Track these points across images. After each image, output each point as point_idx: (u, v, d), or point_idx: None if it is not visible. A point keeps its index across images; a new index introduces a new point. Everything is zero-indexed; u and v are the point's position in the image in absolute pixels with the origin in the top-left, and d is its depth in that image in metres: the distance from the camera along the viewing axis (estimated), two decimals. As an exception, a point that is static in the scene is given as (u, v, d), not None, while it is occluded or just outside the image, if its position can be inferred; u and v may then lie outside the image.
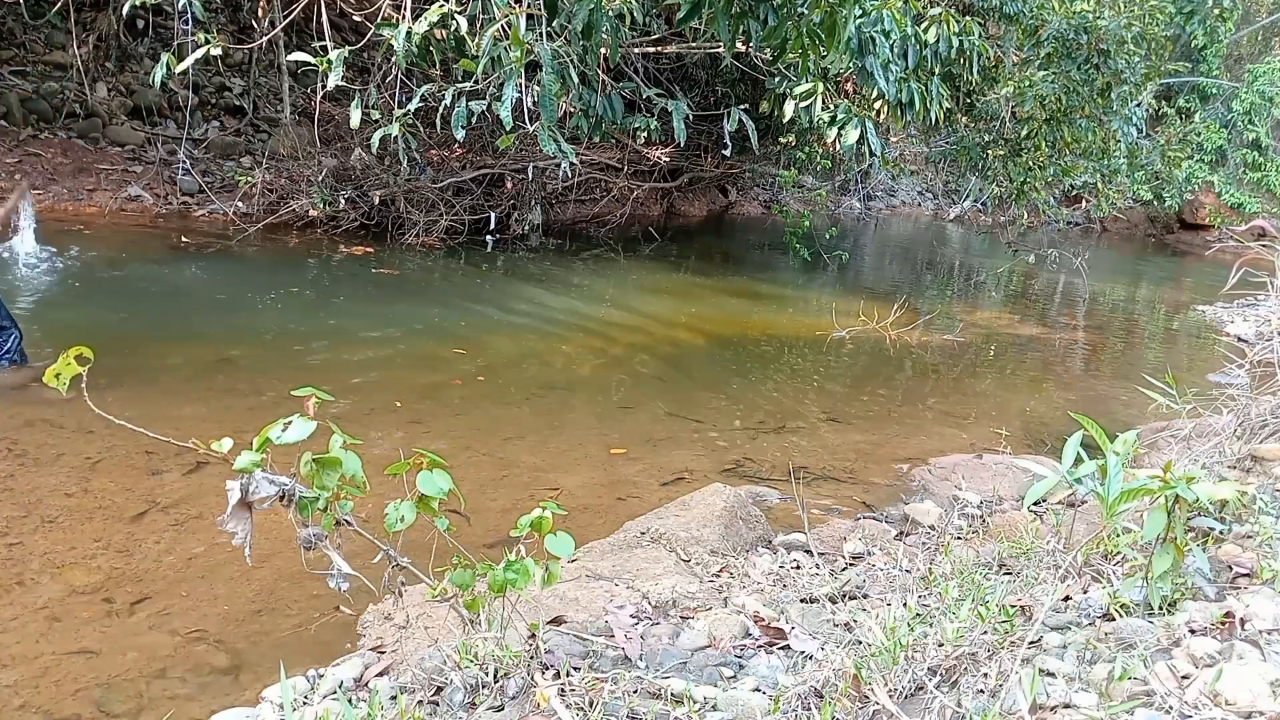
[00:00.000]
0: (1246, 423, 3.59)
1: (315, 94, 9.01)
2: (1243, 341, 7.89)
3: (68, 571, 2.82)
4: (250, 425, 1.90)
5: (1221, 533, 2.40)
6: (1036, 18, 7.79)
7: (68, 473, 3.45)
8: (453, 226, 9.36)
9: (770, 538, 3.32)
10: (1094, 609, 2.08)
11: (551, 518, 1.96)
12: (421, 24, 3.97)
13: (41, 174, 8.70)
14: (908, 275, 11.90)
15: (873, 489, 4.12)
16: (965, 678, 1.78)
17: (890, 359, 6.76)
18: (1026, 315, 9.49)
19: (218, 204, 8.94)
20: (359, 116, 4.47)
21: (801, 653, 2.10)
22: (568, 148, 4.25)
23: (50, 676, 2.33)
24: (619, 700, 1.81)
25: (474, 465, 3.94)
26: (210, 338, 5.38)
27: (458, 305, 6.92)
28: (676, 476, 4.06)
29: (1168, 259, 16.83)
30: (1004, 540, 2.91)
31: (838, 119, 4.93)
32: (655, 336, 6.73)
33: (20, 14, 9.12)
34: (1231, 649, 1.80)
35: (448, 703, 1.90)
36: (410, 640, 2.36)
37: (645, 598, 2.52)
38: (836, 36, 4.03)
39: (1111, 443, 2.06)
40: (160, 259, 7.33)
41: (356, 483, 1.85)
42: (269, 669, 2.37)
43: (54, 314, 5.54)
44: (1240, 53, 19.43)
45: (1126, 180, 13.22)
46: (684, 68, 10.50)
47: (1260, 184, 19.17)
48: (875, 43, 4.54)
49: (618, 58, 5.53)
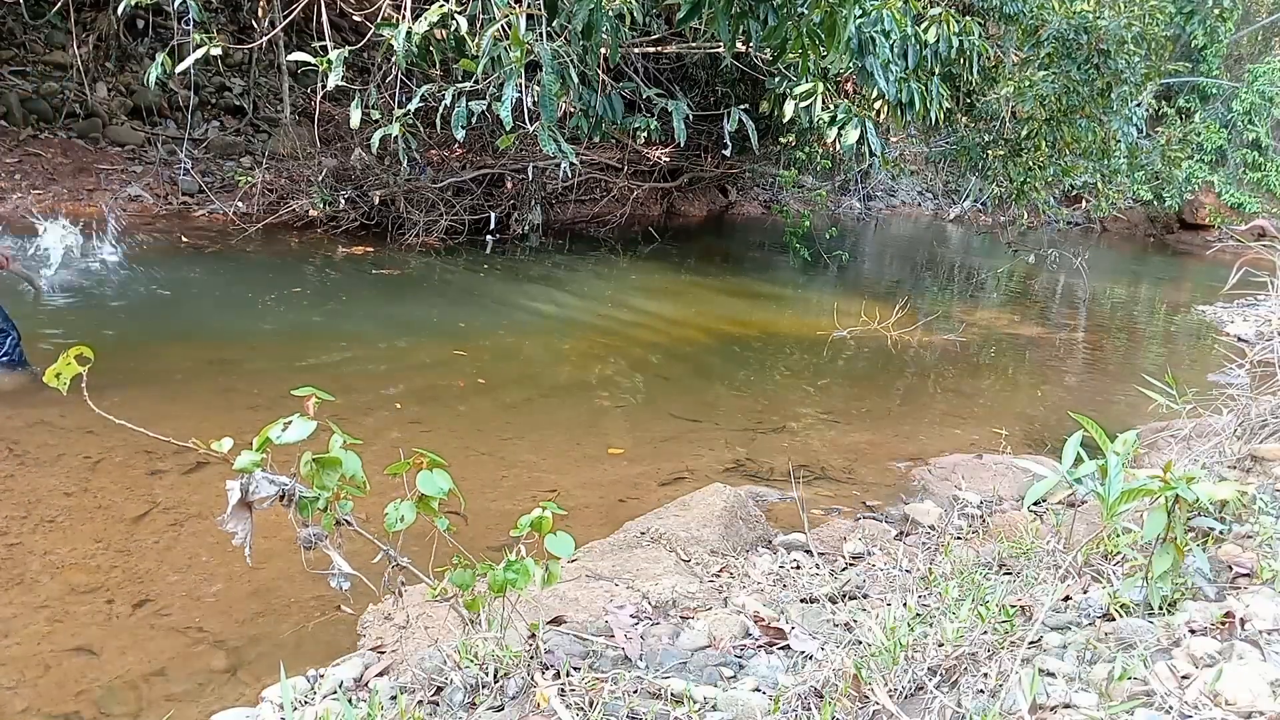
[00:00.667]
0: (1246, 423, 3.59)
1: (315, 94, 9.02)
2: (1243, 341, 7.89)
3: (68, 571, 2.82)
4: (250, 425, 1.90)
5: (1221, 533, 2.40)
6: (1036, 18, 7.79)
7: (68, 473, 3.45)
8: (453, 226, 9.36)
9: (770, 538, 3.32)
10: (1094, 609, 2.08)
11: (551, 518, 1.96)
12: (421, 24, 3.97)
13: (41, 174, 8.70)
14: (908, 275, 11.90)
15: (873, 489, 4.12)
16: (965, 678, 1.78)
17: (890, 359, 6.76)
18: (1026, 315, 9.49)
19: (218, 204, 8.94)
20: (359, 116, 4.47)
21: (801, 653, 2.10)
22: (568, 148, 4.25)
23: (50, 676, 2.33)
24: (619, 700, 1.81)
25: (474, 465, 3.94)
26: (210, 338, 5.38)
27: (457, 305, 6.92)
28: (676, 476, 4.06)
29: (1168, 259, 16.82)
30: (1004, 540, 2.91)
31: (838, 119, 4.93)
32: (655, 336, 6.73)
33: (20, 14, 9.12)
34: (1231, 649, 1.80)
35: (448, 703, 1.90)
36: (410, 640, 2.36)
37: (645, 598, 2.52)
38: (836, 36, 4.03)
39: (1111, 443, 2.06)
40: (160, 259, 7.33)
41: (356, 483, 1.85)
42: (269, 669, 2.37)
43: (54, 314, 5.54)
44: (1240, 53, 19.43)
45: (1126, 180, 13.22)
46: (684, 68, 10.50)
47: (1260, 184, 19.17)
48: (875, 43, 4.54)
49: (618, 58, 5.53)
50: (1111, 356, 7.95)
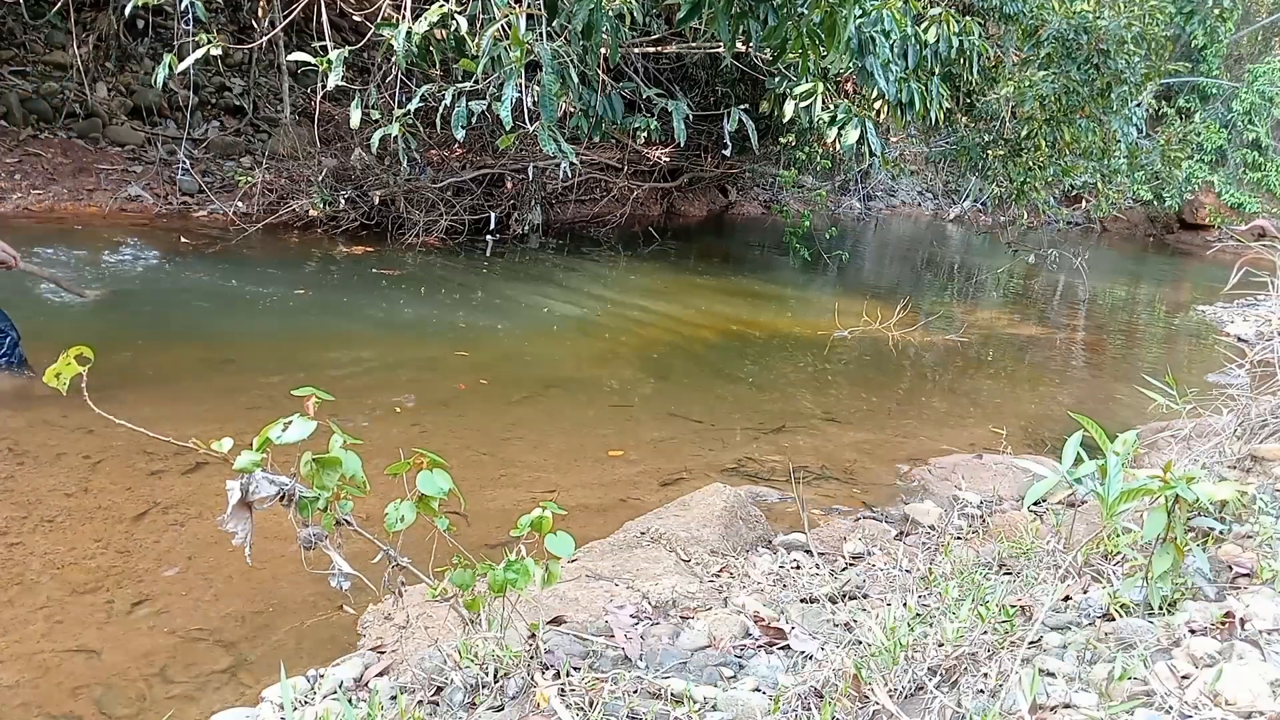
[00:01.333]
0: (1246, 423, 3.59)
1: (315, 94, 9.01)
2: (1243, 341, 7.90)
3: (68, 571, 2.82)
4: (250, 425, 1.90)
5: (1221, 533, 2.40)
6: (1036, 18, 7.79)
7: (68, 473, 3.45)
8: (453, 226, 9.36)
9: (770, 538, 3.32)
10: (1094, 609, 2.08)
11: (551, 517, 1.96)
12: (421, 24, 3.97)
13: (41, 174, 8.70)
14: (908, 275, 11.90)
15: (873, 489, 4.12)
16: (965, 678, 1.78)
17: (890, 359, 6.76)
18: (1026, 315, 9.49)
19: (218, 204, 8.94)
20: (359, 116, 4.47)
21: (801, 653, 2.10)
22: (568, 148, 4.25)
23: (50, 677, 2.33)
24: (619, 700, 1.81)
25: (474, 465, 3.94)
26: (210, 338, 5.38)
27: (457, 305, 6.92)
28: (676, 476, 4.06)
29: (1168, 259, 16.83)
30: (1004, 540, 2.91)
31: (838, 119, 4.93)
32: (655, 336, 6.73)
33: (20, 14, 9.13)
34: (1231, 649, 1.80)
35: (448, 703, 1.90)
36: (410, 640, 2.36)
37: (645, 598, 2.52)
38: (836, 36, 4.03)
39: (1111, 443, 2.06)
40: (160, 259, 7.33)
41: (356, 483, 1.85)
42: (269, 669, 2.37)
43: (54, 314, 5.54)
44: (1240, 53, 19.43)
45: (1126, 180, 13.22)
46: (684, 68, 10.50)
47: (1260, 184, 19.18)
48: (875, 43, 4.54)
49: (618, 58, 5.53)
50: (1111, 356, 7.95)
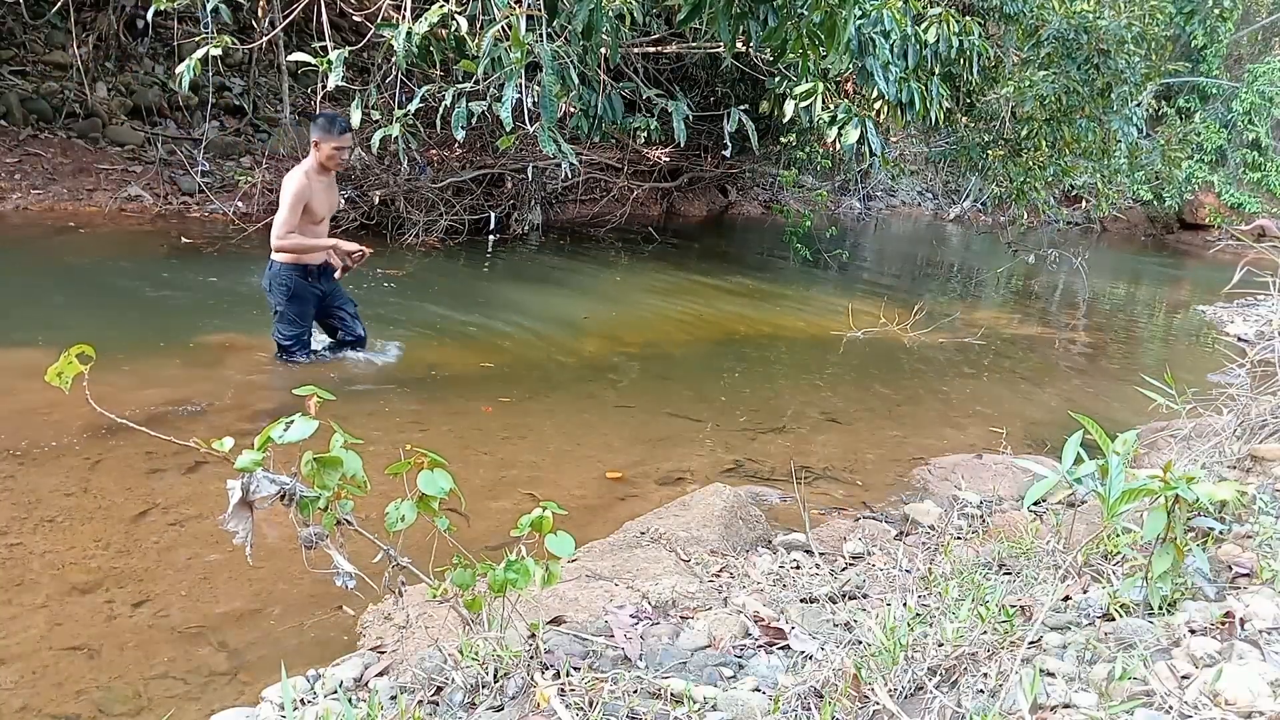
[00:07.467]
0: (1246, 423, 3.59)
1: (315, 94, 9.02)
2: (1243, 341, 7.91)
3: (68, 571, 2.82)
4: (251, 425, 1.89)
5: (1221, 533, 2.40)
6: (1036, 18, 7.79)
7: (68, 473, 3.44)
8: (453, 226, 9.36)
9: (770, 538, 3.32)
10: (1094, 609, 2.08)
11: (552, 517, 1.96)
12: (421, 24, 3.96)
13: (41, 174, 8.70)
14: (908, 275, 11.90)
15: (873, 489, 4.12)
16: (965, 678, 1.78)
17: (890, 359, 6.75)
18: (1026, 315, 9.49)
19: (218, 204, 8.94)
20: (359, 116, 4.46)
21: (801, 653, 2.10)
22: (568, 148, 4.24)
23: (50, 676, 2.33)
24: (619, 700, 1.81)
25: (474, 465, 3.94)
26: (210, 337, 5.37)
27: (457, 305, 6.92)
28: (676, 476, 4.06)
29: (1168, 259, 16.83)
30: (1004, 540, 2.91)
31: (838, 119, 4.92)
32: (655, 336, 6.73)
33: (20, 14, 9.13)
34: (1231, 649, 1.80)
35: (448, 703, 1.90)
36: (410, 640, 2.36)
37: (645, 598, 2.52)
38: (836, 37, 4.03)
39: (1112, 443, 2.06)
40: (160, 259, 7.33)
41: (357, 482, 1.85)
42: (269, 669, 2.37)
43: (55, 314, 5.54)
44: (1240, 53, 19.43)
45: (1126, 180, 13.22)
46: (684, 68, 10.50)
47: (1260, 184, 19.19)
48: (875, 43, 4.54)
49: (618, 58, 5.53)
50: (1111, 356, 7.95)
